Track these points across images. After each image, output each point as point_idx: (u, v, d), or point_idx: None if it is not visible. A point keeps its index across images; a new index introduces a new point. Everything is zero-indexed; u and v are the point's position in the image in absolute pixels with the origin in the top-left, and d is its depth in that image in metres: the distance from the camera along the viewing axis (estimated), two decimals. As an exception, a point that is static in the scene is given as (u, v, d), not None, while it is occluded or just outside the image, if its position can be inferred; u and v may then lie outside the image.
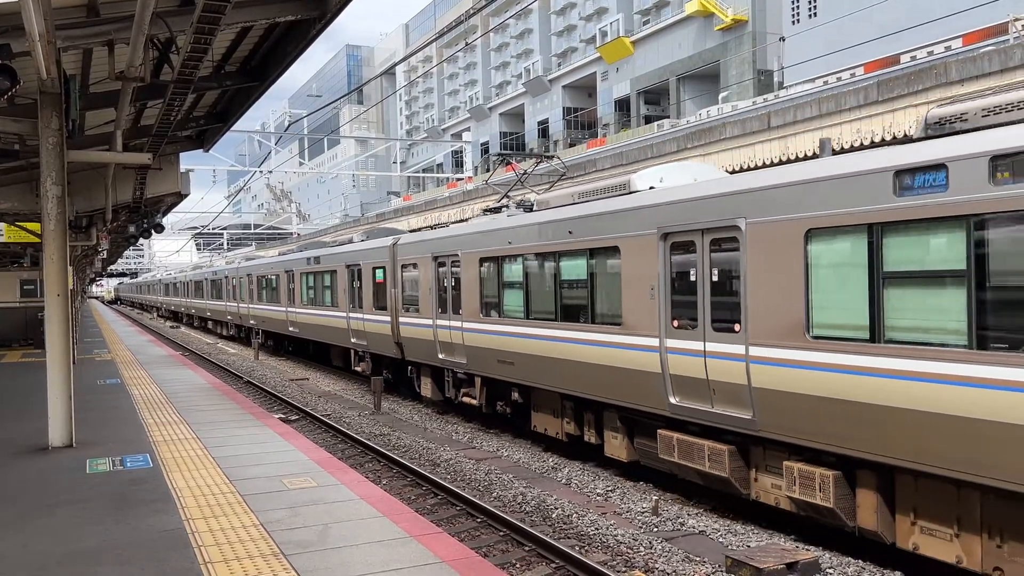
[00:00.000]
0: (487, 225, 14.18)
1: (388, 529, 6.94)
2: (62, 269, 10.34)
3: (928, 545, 7.21)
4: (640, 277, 10.05)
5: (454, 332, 15.18)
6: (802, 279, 7.88)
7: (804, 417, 7.93)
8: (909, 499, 7.39)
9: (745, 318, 8.55)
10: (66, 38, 8.79)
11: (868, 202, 7.17)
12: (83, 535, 6.88)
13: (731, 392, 8.79)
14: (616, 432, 11.27)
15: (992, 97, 6.87)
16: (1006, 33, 27.88)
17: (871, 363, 7.24)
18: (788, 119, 13.51)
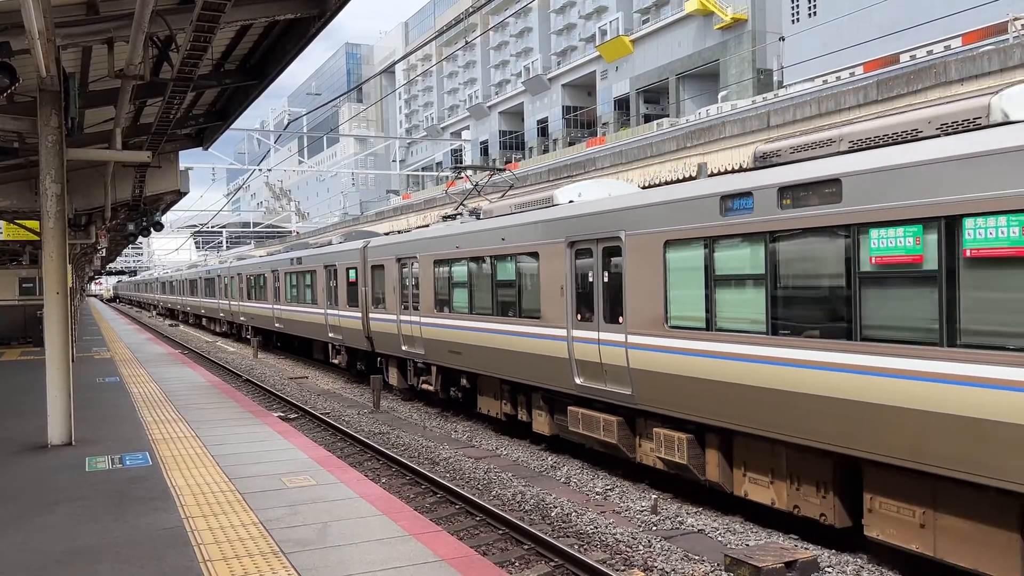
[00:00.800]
0: (440, 231, 16.02)
1: (387, 527, 6.94)
2: (61, 267, 10.33)
3: (753, 491, 9.10)
4: (553, 278, 11.86)
5: (414, 326, 16.84)
6: (662, 281, 9.75)
7: (667, 392, 9.75)
8: (741, 456, 9.21)
9: (625, 312, 10.35)
10: (65, 36, 8.78)
11: (703, 220, 9.02)
12: (82, 533, 6.88)
13: (617, 373, 10.59)
14: (541, 410, 13.03)
15: (801, 138, 8.50)
16: (1005, 32, 27.89)
17: (707, 347, 9.08)
18: (787, 118, 13.52)
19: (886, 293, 7.19)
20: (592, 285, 11.10)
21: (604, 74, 73.15)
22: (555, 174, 22.57)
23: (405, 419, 16.91)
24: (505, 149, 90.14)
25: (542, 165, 41.13)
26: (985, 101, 6.96)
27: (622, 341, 10.42)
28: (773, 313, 8.23)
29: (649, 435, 10.48)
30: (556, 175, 22.47)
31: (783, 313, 8.16)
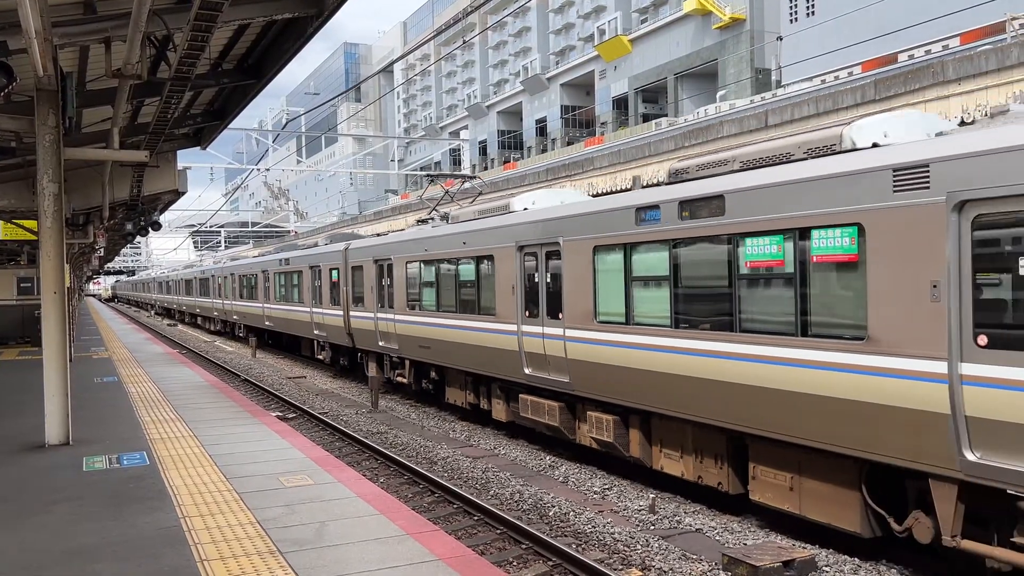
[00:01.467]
0: (412, 235, 17.33)
1: (385, 527, 6.94)
2: (59, 267, 10.33)
3: (667, 465, 10.38)
4: (506, 278, 13.10)
5: (389, 323, 18.13)
6: (591, 281, 10.97)
7: (597, 379, 10.99)
8: (658, 435, 10.46)
9: (564, 309, 11.61)
10: (63, 35, 8.76)
11: (623, 228, 10.26)
12: (80, 533, 6.88)
13: (558, 363, 11.83)
14: (499, 399, 14.24)
15: (705, 158, 9.74)
16: (1003, 32, 27.90)
17: (627, 339, 10.31)
18: (785, 117, 13.52)
19: (758, 292, 8.49)
20: (538, 285, 12.38)
21: (603, 74, 73.14)
22: (553, 174, 22.64)
23: (403, 419, 16.91)
24: (504, 149, 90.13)
25: (540, 165, 41.15)
26: (839, 131, 8.11)
27: (561, 335, 11.69)
28: (675, 309, 9.57)
29: (585, 418, 11.70)
30: (554, 175, 22.53)
31: (683, 309, 9.48)
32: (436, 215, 17.58)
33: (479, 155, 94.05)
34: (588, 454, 12.69)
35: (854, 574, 7.81)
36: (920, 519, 7.23)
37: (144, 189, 17.33)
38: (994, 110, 8.18)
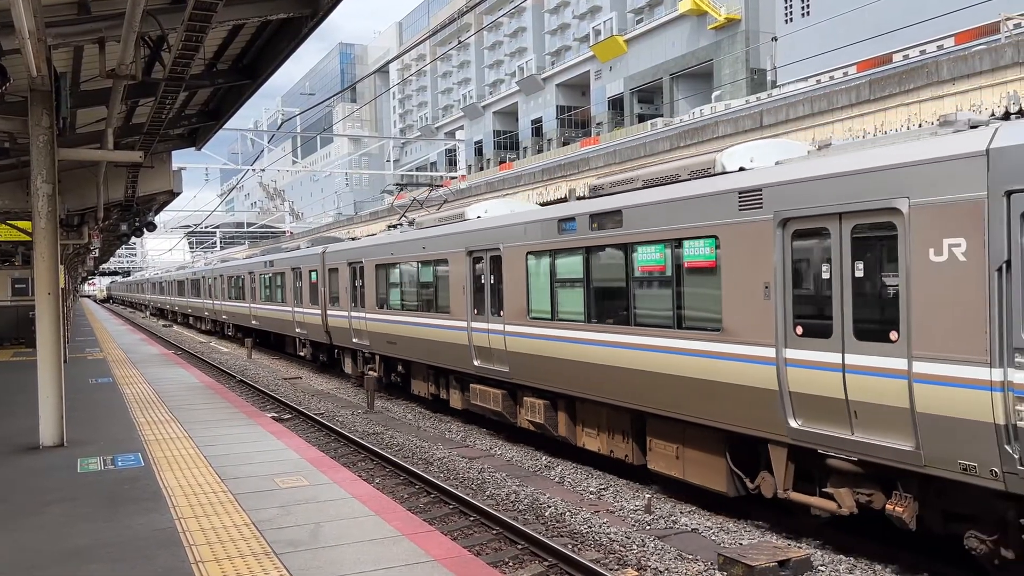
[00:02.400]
0: (381, 239, 18.87)
1: (380, 528, 6.93)
2: (53, 268, 10.29)
3: (588, 443, 11.80)
4: (458, 280, 14.48)
5: (361, 321, 19.55)
6: (525, 282, 12.42)
7: (531, 368, 12.42)
8: (581, 416, 11.88)
9: (504, 306, 13.01)
10: (56, 35, 8.74)
11: (549, 236, 11.81)
12: (73, 534, 6.85)
13: (500, 355, 13.22)
14: (455, 389, 15.66)
15: (617, 176, 11.25)
16: (998, 32, 27.97)
17: (553, 333, 11.81)
18: (781, 118, 13.53)
19: (647, 292, 10.03)
20: (484, 286, 13.78)
21: (598, 74, 73.18)
22: (548, 174, 22.70)
23: (399, 419, 16.90)
24: (499, 149, 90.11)
25: (535, 165, 41.16)
26: (714, 157, 9.52)
27: (502, 330, 13.13)
28: (588, 306, 11.08)
29: (522, 404, 13.07)
30: (550, 175, 22.59)
31: (594, 306, 10.98)
32: (404, 221, 19.22)
33: (475, 155, 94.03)
34: (584, 455, 12.70)
35: (849, 574, 7.82)
36: (766, 478, 8.76)
37: (139, 190, 17.29)
38: (821, 143, 9.05)
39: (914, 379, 6.86)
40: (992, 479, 6.40)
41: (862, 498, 7.74)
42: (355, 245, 20.62)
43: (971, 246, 6.44)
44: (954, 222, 6.55)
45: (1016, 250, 6.20)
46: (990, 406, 6.36)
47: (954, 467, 6.65)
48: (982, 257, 6.37)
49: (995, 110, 10.47)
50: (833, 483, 7.92)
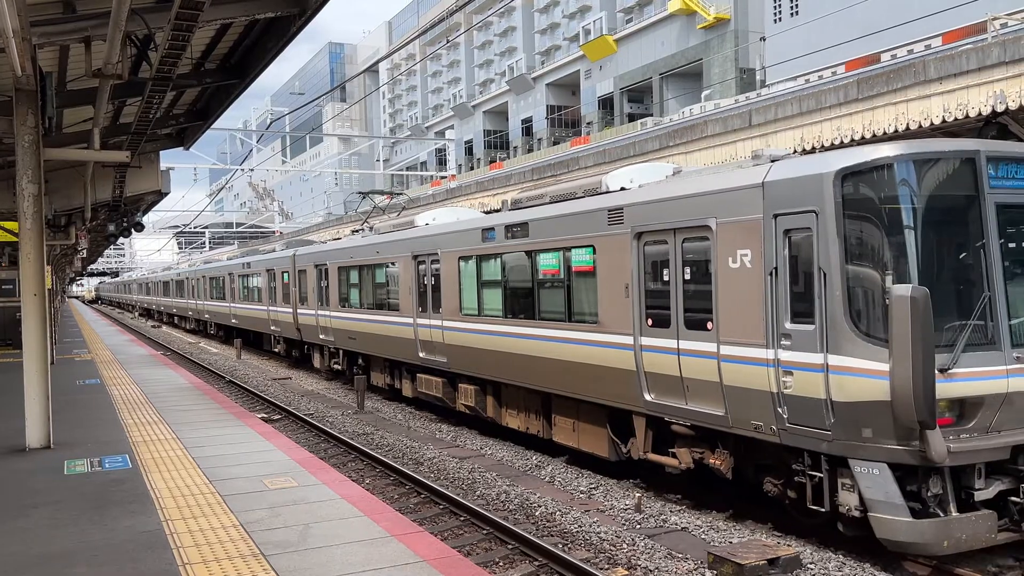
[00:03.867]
0: (344, 243, 20.66)
1: (369, 528, 6.91)
2: (39, 269, 10.22)
3: (510, 422, 13.42)
4: (406, 280, 16.15)
5: (326, 319, 21.21)
6: (457, 283, 14.04)
7: (464, 359, 14.05)
8: (505, 399, 13.52)
9: (442, 304, 14.61)
10: (42, 35, 8.68)
11: (475, 243, 13.48)
12: (59, 537, 6.80)
13: (439, 347, 14.85)
14: (406, 379, 17.33)
15: (532, 192, 13.14)
16: (984, 32, 28.10)
17: (479, 327, 13.43)
18: (769, 117, 13.54)
19: (546, 291, 11.76)
20: (426, 286, 15.35)
21: (588, 73, 73.20)
22: (538, 173, 22.73)
23: (390, 420, 16.86)
24: (490, 148, 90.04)
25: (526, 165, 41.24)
26: (600, 178, 11.37)
27: (440, 325, 14.73)
28: (504, 303, 12.76)
29: (459, 390, 14.76)
30: (540, 174, 22.62)
31: (509, 303, 12.65)
32: (366, 227, 20.81)
33: (465, 155, 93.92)
34: (574, 454, 12.70)
35: (839, 571, 7.84)
36: (634, 444, 10.40)
37: (127, 190, 17.20)
38: (676, 168, 11.04)
39: (721, 359, 8.60)
40: (772, 435, 8.14)
41: (696, 456, 9.49)
42: (321, 248, 22.41)
43: (753, 256, 8.16)
44: (743, 237, 8.28)
45: (781, 259, 7.92)
46: (767, 378, 8.06)
47: (749, 426, 8.40)
48: (760, 264, 8.09)
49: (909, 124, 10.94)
50: (677, 445, 9.70)
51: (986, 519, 7.34)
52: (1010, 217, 7.78)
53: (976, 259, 7.64)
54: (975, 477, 7.44)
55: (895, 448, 7.24)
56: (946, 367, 7.20)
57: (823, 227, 7.52)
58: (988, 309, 7.53)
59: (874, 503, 7.37)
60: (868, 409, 7.28)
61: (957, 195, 7.66)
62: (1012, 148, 8.11)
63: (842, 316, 7.40)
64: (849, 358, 7.36)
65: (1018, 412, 7.55)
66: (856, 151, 7.84)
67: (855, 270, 7.45)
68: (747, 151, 13.96)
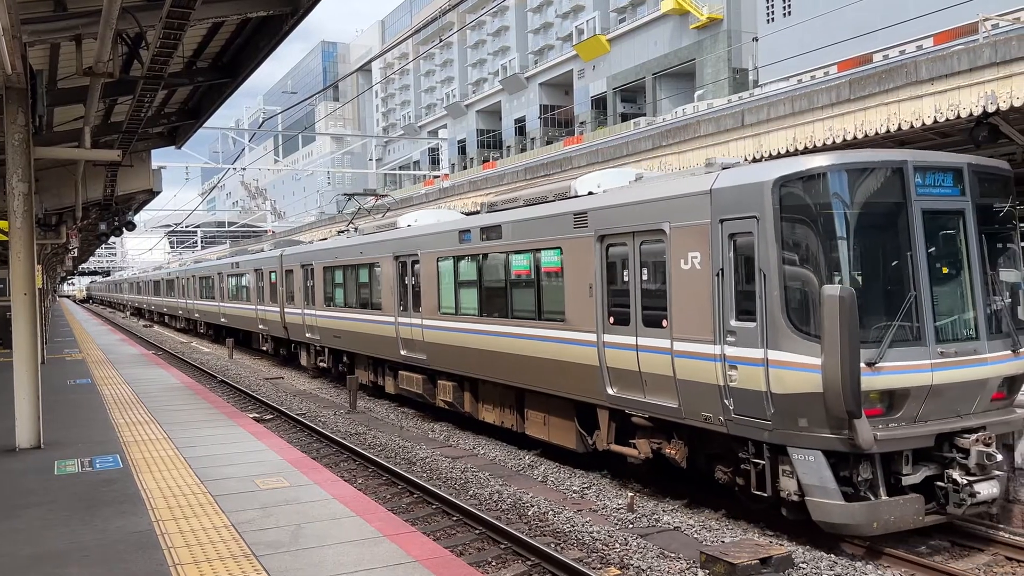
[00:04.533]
0: (329, 244, 21.26)
1: (361, 528, 6.89)
2: (29, 268, 10.17)
3: (486, 416, 13.90)
4: (388, 280, 16.65)
5: (312, 317, 21.72)
6: (436, 283, 14.57)
7: (442, 356, 14.60)
8: (481, 395, 14.03)
9: (421, 304, 15.19)
10: (32, 32, 8.62)
11: (452, 245, 14.00)
12: (49, 537, 6.77)
13: (419, 345, 15.38)
14: (389, 376, 17.70)
15: (507, 195, 13.86)
16: (976, 33, 28.20)
17: (456, 325, 14.01)
18: (762, 117, 13.54)
19: (519, 291, 12.27)
20: (407, 286, 15.88)
21: (581, 73, 73.19)
22: (531, 173, 22.71)
23: (382, 419, 16.83)
24: (483, 148, 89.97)
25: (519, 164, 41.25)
26: (570, 183, 11.98)
27: (420, 323, 15.26)
28: (479, 302, 13.25)
29: (438, 386, 15.24)
30: (532, 174, 22.59)
31: (485, 302, 13.14)
32: (351, 227, 21.55)
33: (458, 154, 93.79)
34: (563, 454, 12.70)
35: (830, 570, 7.86)
36: (599, 436, 10.89)
37: (118, 189, 17.12)
38: (638, 174, 11.51)
39: (675, 355, 9.14)
40: (720, 425, 8.68)
41: (654, 446, 9.97)
42: (307, 249, 22.97)
43: (703, 258, 8.73)
44: (693, 240, 8.84)
45: (726, 261, 8.47)
46: (715, 372, 8.60)
47: (699, 418, 8.93)
48: (708, 266, 8.65)
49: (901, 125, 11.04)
50: (637, 436, 10.20)
51: (913, 502, 7.89)
52: (935, 222, 8.37)
53: (903, 261, 8.19)
54: (903, 463, 7.97)
55: (828, 436, 7.80)
56: (873, 361, 7.72)
57: (763, 231, 8.06)
58: (914, 308, 8.05)
59: (810, 488, 7.91)
60: (803, 400, 7.81)
61: (886, 202, 8.22)
62: (938, 158, 8.66)
63: (780, 314, 7.93)
64: (786, 353, 7.89)
65: (942, 403, 8.10)
66: (794, 161, 8.41)
67: (791, 271, 7.98)
68: (740, 151, 13.97)
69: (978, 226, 8.58)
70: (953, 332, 8.32)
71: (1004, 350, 8.49)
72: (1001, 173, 9.07)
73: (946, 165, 8.54)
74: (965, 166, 8.63)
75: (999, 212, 8.90)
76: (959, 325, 8.39)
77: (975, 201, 8.59)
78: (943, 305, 8.33)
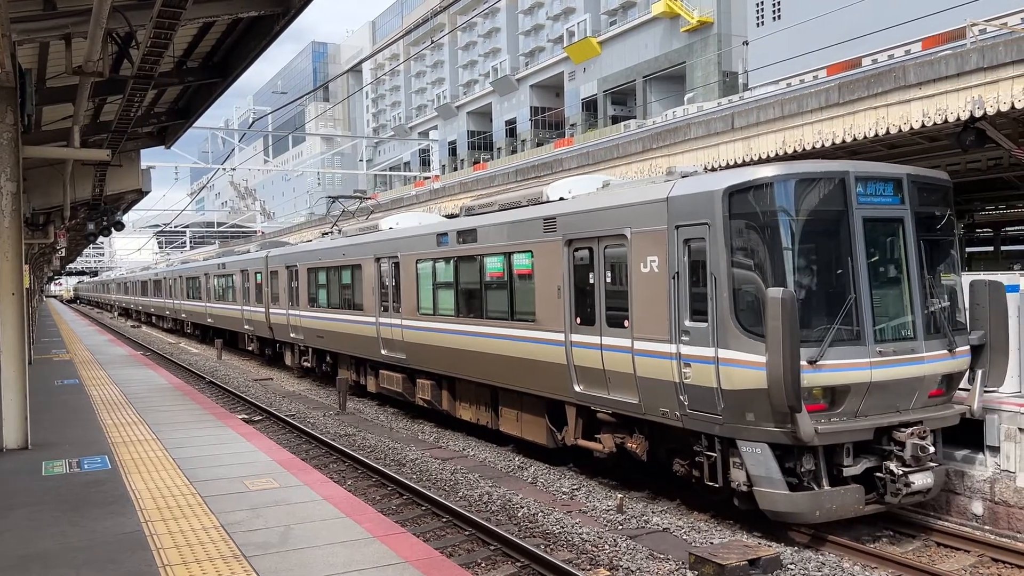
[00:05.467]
0: (313, 246, 21.73)
1: (351, 530, 6.89)
2: (16, 267, 10.12)
3: (463, 414, 14.37)
4: (369, 281, 17.14)
5: (297, 318, 22.13)
6: (415, 284, 15.09)
7: (421, 355, 15.05)
8: (458, 393, 14.50)
9: (401, 304, 15.67)
10: (22, 31, 8.58)
11: (430, 247, 14.50)
12: (37, 538, 6.73)
13: (399, 344, 15.83)
14: (370, 375, 18.08)
15: (484, 200, 14.25)
16: (964, 38, 28.40)
17: (435, 325, 14.31)
18: (752, 120, 13.60)
19: (492, 292, 12.70)
20: (388, 287, 16.35)
21: (572, 75, 73.27)
22: (522, 175, 22.75)
23: (372, 420, 16.81)
24: (473, 149, 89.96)
25: (510, 166, 41.27)
26: (542, 189, 12.47)
27: (400, 324, 15.69)
28: (456, 303, 13.73)
29: (417, 384, 15.66)
30: (524, 176, 22.63)
31: (461, 303, 13.63)
32: (335, 230, 22.01)
33: (449, 155, 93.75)
34: (554, 456, 12.72)
35: (818, 571, 7.90)
36: (568, 431, 11.33)
37: (107, 188, 17.05)
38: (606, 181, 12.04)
39: (635, 353, 9.60)
40: (676, 420, 9.14)
41: (618, 441, 10.42)
42: (292, 250, 23.39)
43: (660, 261, 9.20)
44: (652, 245, 9.32)
45: (681, 264, 8.95)
46: (671, 370, 9.06)
47: (658, 413, 9.40)
48: (665, 269, 9.12)
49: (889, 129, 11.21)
50: (602, 431, 10.68)
51: (854, 492, 8.41)
52: (875, 229, 8.85)
53: (844, 266, 8.64)
54: (844, 455, 8.46)
55: (773, 430, 8.26)
56: (815, 359, 8.14)
57: (714, 237, 8.55)
58: (854, 310, 8.49)
59: (758, 478, 8.41)
60: (750, 396, 8.27)
61: (829, 210, 8.68)
62: (878, 169, 9.10)
63: (729, 315, 8.41)
64: (734, 351, 8.36)
65: (882, 399, 8.56)
66: (743, 171, 8.93)
67: (740, 275, 8.44)
68: (730, 154, 14.03)
69: (917, 233, 9.04)
70: (892, 333, 8.77)
71: (941, 350, 8.92)
72: (940, 184, 9.52)
73: (886, 176, 8.98)
74: (905, 176, 9.07)
75: (938, 220, 9.38)
76: (898, 326, 8.86)
77: (914, 210, 9.05)
78: (882, 307, 8.79)
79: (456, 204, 23.29)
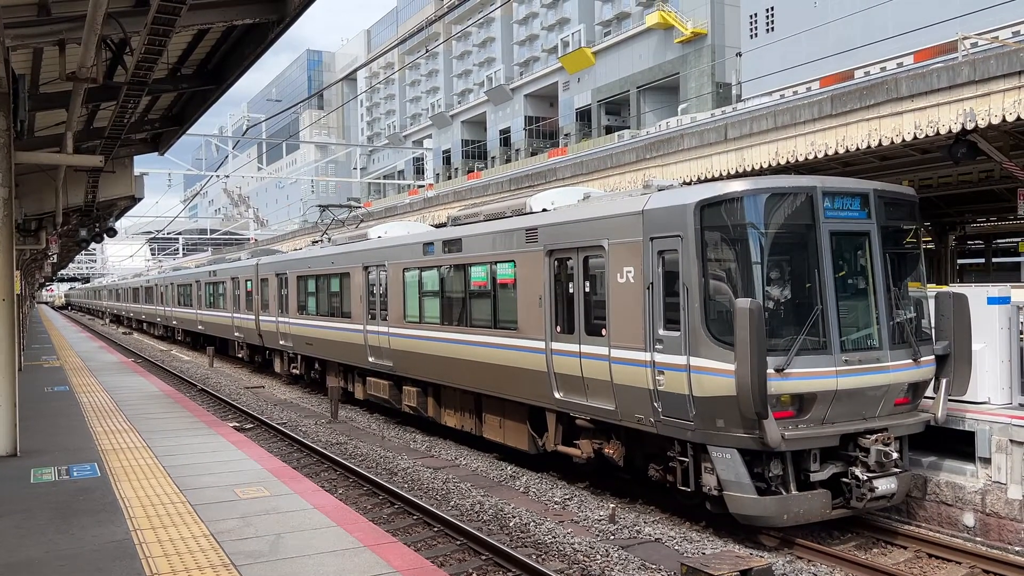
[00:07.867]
0: (302, 254, 22.10)
1: (342, 539, 6.85)
2: (7, 273, 10.06)
3: (448, 420, 14.57)
4: (357, 290, 17.43)
5: (286, 325, 22.35)
6: (401, 293, 15.34)
7: (408, 362, 15.25)
8: (443, 399, 14.69)
9: (388, 312, 15.91)
10: (15, 37, 8.56)
11: (417, 256, 14.76)
12: (25, 546, 6.68)
13: (386, 352, 16.07)
14: (358, 382, 18.34)
15: (469, 210, 14.38)
16: (955, 51, 28.59)
17: (420, 333, 14.66)
18: (744, 131, 13.66)
19: (476, 300, 12.98)
20: (375, 295, 16.62)
21: (566, 85, 73.53)
22: (516, 184, 22.81)
23: (363, 429, 16.75)
24: (467, 158, 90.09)
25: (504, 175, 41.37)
26: (525, 200, 12.77)
27: (387, 331, 15.94)
28: (441, 311, 13.96)
29: (404, 392, 15.83)
30: (517, 185, 22.70)
31: (445, 311, 13.89)
32: (325, 238, 22.22)
33: (443, 164, 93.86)
34: (537, 461, 12.70)
35: (810, 583, 7.89)
36: (549, 437, 11.54)
37: (99, 195, 16.98)
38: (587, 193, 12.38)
39: (612, 361, 9.85)
40: (651, 426, 9.39)
41: (596, 446, 10.64)
42: (282, 258, 23.65)
43: (636, 272, 9.47)
44: (629, 256, 9.58)
45: (656, 275, 9.21)
46: (646, 377, 9.31)
47: (633, 419, 9.65)
48: (641, 279, 9.39)
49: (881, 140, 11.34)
50: (581, 437, 10.90)
51: (820, 497, 8.65)
52: (841, 243, 9.10)
53: (811, 278, 8.89)
54: (811, 461, 8.68)
55: (742, 436, 8.51)
56: (782, 367, 8.38)
57: (686, 249, 8.82)
58: (820, 320, 8.73)
59: (728, 483, 8.67)
60: (720, 403, 8.51)
61: (797, 223, 8.93)
62: (844, 184, 9.31)
63: (700, 324, 8.66)
64: (705, 360, 8.61)
65: (848, 407, 8.79)
66: (715, 185, 9.18)
67: (711, 285, 8.72)
68: (723, 165, 14.07)
69: (883, 246, 9.26)
70: (858, 343, 9.01)
71: (906, 359, 9.13)
72: (906, 198, 9.77)
73: (853, 191, 9.21)
74: (871, 192, 9.29)
75: (904, 234, 9.70)
76: (863, 336, 9.10)
77: (880, 224, 9.27)
78: (849, 318, 9.02)
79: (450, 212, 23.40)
